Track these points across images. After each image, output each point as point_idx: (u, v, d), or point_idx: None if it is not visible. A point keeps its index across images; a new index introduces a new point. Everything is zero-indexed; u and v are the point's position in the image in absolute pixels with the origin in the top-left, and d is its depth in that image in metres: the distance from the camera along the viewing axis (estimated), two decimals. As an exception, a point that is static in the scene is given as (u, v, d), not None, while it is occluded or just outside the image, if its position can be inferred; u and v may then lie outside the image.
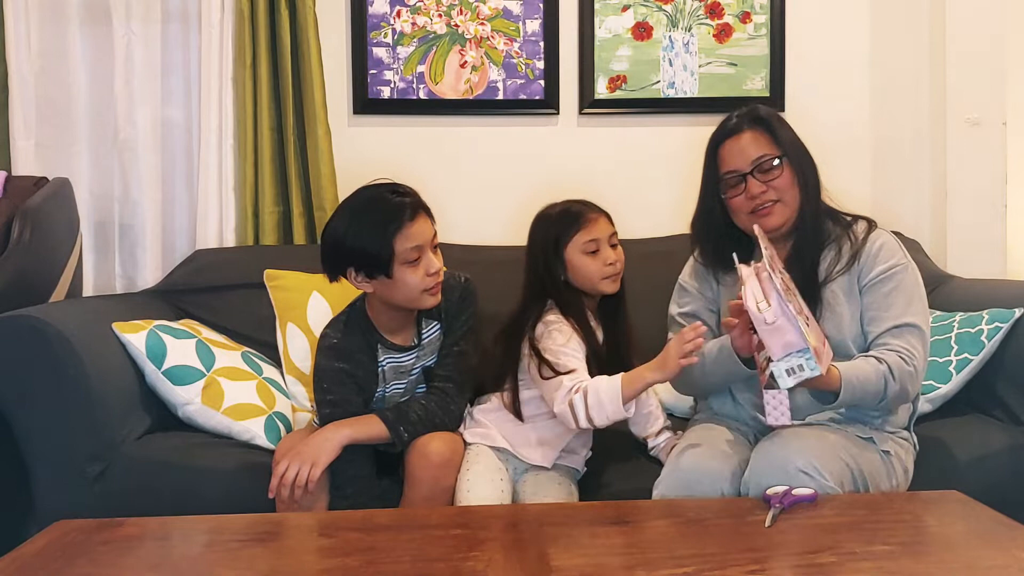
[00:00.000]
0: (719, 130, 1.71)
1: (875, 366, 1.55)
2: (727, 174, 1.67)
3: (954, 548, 1.25)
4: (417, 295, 1.70)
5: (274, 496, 1.63)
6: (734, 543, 1.23)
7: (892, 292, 1.62)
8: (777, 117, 1.70)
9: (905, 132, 2.72)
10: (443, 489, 1.66)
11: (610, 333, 1.81)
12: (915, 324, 1.60)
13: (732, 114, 1.71)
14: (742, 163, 1.65)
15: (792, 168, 1.65)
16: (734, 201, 1.67)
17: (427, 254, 1.69)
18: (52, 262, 2.20)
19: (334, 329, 1.79)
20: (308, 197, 2.56)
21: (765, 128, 1.66)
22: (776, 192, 1.64)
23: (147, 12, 2.58)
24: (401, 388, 1.82)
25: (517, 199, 1.83)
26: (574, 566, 1.15)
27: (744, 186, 1.64)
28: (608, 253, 1.77)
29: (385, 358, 1.79)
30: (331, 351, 1.75)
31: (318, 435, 1.67)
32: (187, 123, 2.64)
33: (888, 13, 2.73)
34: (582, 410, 1.62)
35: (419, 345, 1.81)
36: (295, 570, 1.21)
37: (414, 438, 1.69)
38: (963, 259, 2.54)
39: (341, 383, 1.73)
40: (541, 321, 1.76)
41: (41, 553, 1.24)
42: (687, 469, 1.55)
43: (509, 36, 2.68)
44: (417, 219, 1.68)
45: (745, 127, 1.67)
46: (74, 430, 1.79)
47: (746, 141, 1.66)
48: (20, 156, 2.52)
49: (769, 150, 1.65)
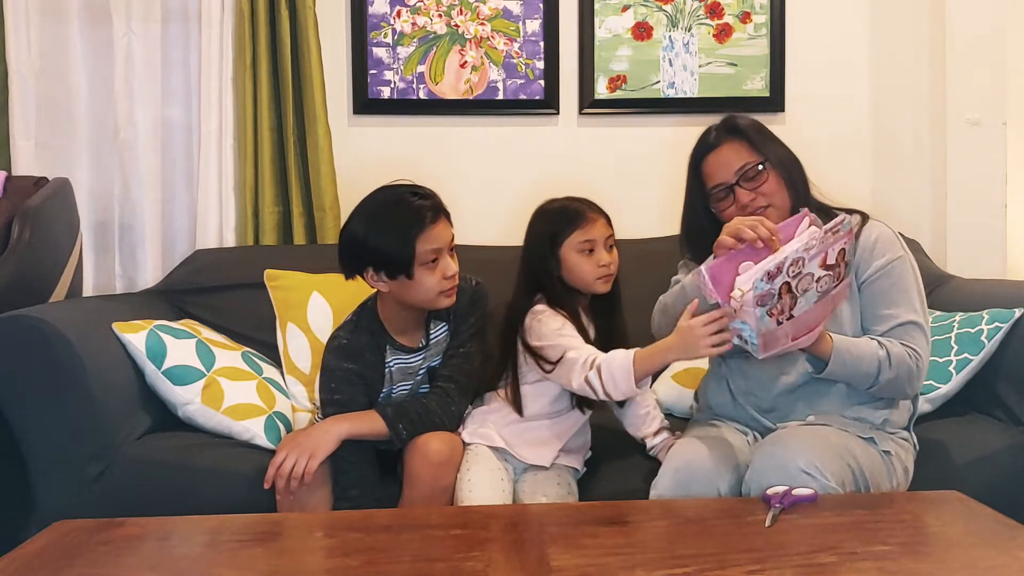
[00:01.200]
0: (699, 147, 1.71)
1: (874, 349, 1.56)
2: (714, 188, 1.67)
3: (954, 548, 1.25)
4: (433, 296, 1.72)
5: (270, 486, 1.63)
6: (734, 543, 1.23)
7: (891, 289, 1.62)
8: (754, 124, 1.70)
9: (905, 132, 2.72)
10: (442, 488, 1.66)
11: (604, 331, 1.81)
12: (917, 322, 1.61)
13: (710, 128, 1.72)
14: (726, 175, 1.65)
15: (777, 171, 1.65)
16: (726, 214, 1.66)
17: (445, 257, 1.71)
18: (52, 262, 2.20)
19: (344, 330, 1.80)
20: (308, 197, 2.56)
21: (742, 137, 1.66)
22: (765, 198, 1.63)
23: (147, 12, 2.58)
24: (407, 389, 1.83)
25: (517, 199, 1.83)
26: (574, 566, 1.15)
27: (733, 197, 1.65)
28: (603, 255, 1.76)
29: (393, 359, 1.80)
30: (340, 351, 1.76)
31: (317, 428, 1.68)
32: (187, 123, 2.64)
33: (888, 13, 2.73)
34: (599, 385, 1.61)
35: (427, 346, 1.82)
36: (295, 570, 1.21)
37: (412, 436, 1.69)
38: (963, 259, 2.54)
39: (350, 383, 1.74)
40: (529, 313, 1.76)
41: (41, 553, 1.24)
42: (684, 469, 1.55)
43: (509, 36, 2.68)
44: (438, 222, 1.70)
45: (723, 140, 1.67)
46: (74, 430, 1.79)
47: (726, 153, 1.66)
48: (20, 156, 2.52)
49: (750, 158, 1.65)
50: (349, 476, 1.69)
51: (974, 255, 2.55)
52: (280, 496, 1.64)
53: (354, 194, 1.79)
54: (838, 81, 2.74)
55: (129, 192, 2.59)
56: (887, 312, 1.61)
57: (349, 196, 1.83)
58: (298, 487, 1.62)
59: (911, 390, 1.62)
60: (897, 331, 1.59)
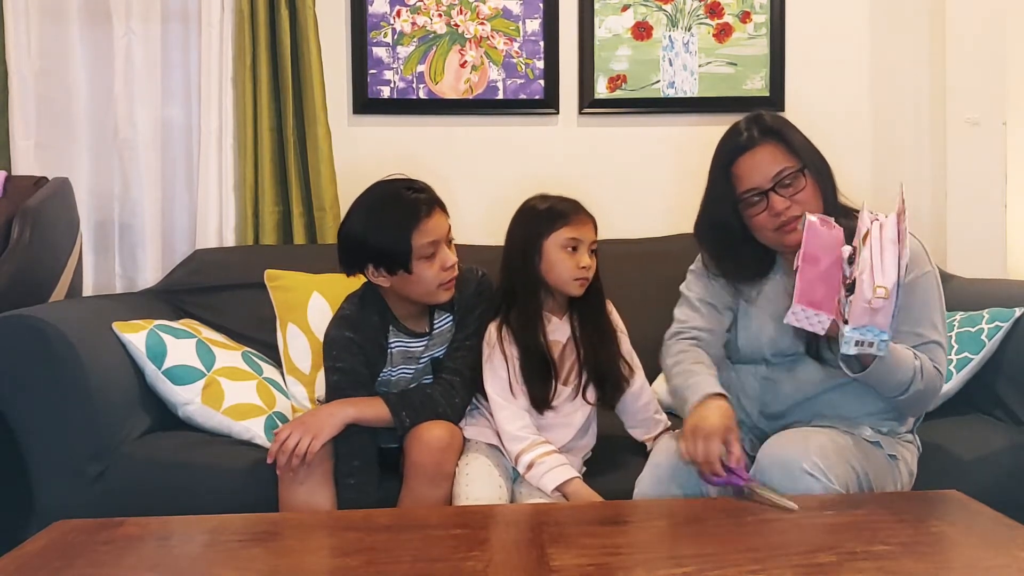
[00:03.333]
0: (730, 146, 1.60)
1: (911, 359, 1.49)
2: (746, 193, 1.57)
3: (954, 548, 1.25)
4: (433, 289, 1.73)
5: (272, 462, 1.64)
6: (734, 543, 1.23)
7: (917, 305, 1.55)
8: (786, 123, 1.61)
9: (905, 132, 2.72)
10: (444, 475, 1.67)
11: (588, 330, 1.81)
12: (941, 343, 1.55)
13: (739, 126, 1.61)
14: (761, 180, 1.55)
15: (813, 178, 1.56)
16: (757, 219, 1.57)
17: (442, 248, 1.72)
18: (52, 262, 2.20)
19: (349, 302, 1.82)
20: (308, 197, 2.56)
21: (779, 139, 1.56)
22: (800, 206, 1.54)
23: (147, 12, 2.58)
24: (409, 374, 1.84)
25: (517, 199, 1.83)
26: (574, 566, 1.15)
27: (766, 203, 1.55)
28: (584, 257, 1.74)
29: (395, 340, 1.80)
30: (343, 321, 1.78)
31: (322, 410, 1.70)
32: (187, 123, 2.64)
33: (888, 13, 2.73)
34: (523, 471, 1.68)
35: (430, 334, 1.82)
36: (295, 570, 1.21)
37: (415, 424, 1.70)
38: (963, 259, 2.54)
39: (350, 352, 1.75)
40: (487, 342, 1.77)
41: (41, 553, 1.24)
42: (664, 465, 1.54)
43: (509, 36, 2.68)
44: (433, 214, 1.71)
45: (759, 141, 1.56)
46: (74, 430, 1.79)
47: (762, 156, 1.55)
48: (20, 156, 2.52)
49: (788, 163, 1.55)
50: (350, 462, 1.69)
51: (974, 255, 2.55)
52: (280, 472, 1.65)
53: (354, 194, 1.79)
54: (838, 81, 2.74)
55: (129, 192, 2.60)
56: (913, 330, 1.54)
57: (349, 196, 1.82)
58: (299, 465, 1.63)
59: (928, 407, 1.59)
60: (921, 349, 1.54)
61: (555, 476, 1.65)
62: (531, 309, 1.77)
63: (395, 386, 1.82)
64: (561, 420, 1.79)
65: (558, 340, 1.80)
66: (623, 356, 1.83)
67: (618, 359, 1.82)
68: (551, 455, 1.68)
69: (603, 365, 1.79)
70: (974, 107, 2.57)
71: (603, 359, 1.80)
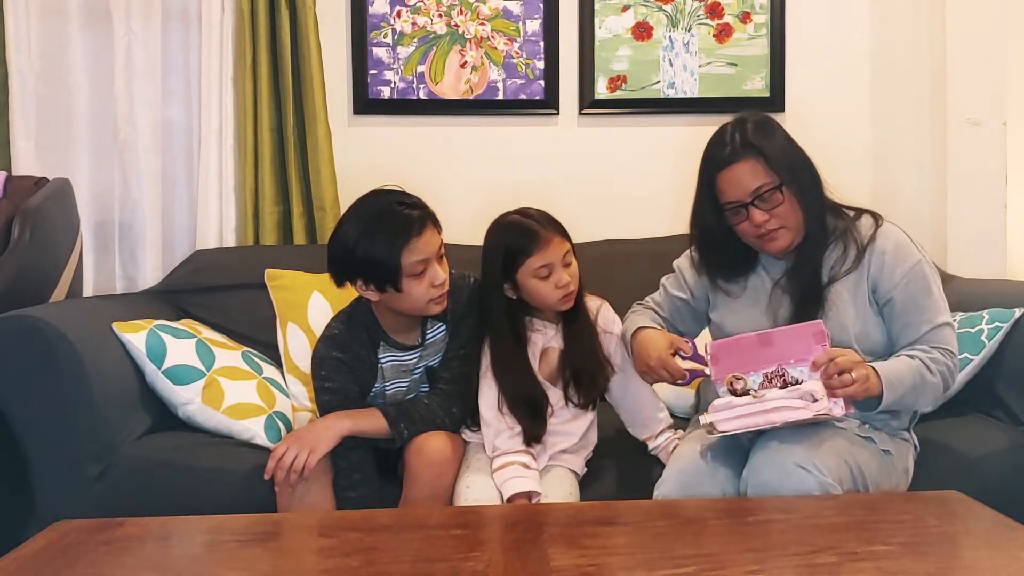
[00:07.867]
0: (714, 159, 1.64)
1: (905, 362, 1.56)
2: (728, 205, 1.63)
3: (954, 548, 1.25)
4: (423, 305, 1.71)
5: (270, 478, 1.64)
6: (734, 543, 1.23)
7: (919, 294, 1.63)
8: (768, 133, 1.63)
9: (905, 132, 2.72)
10: (443, 487, 1.66)
11: (568, 329, 1.79)
12: (948, 322, 1.63)
13: (724, 136, 1.64)
14: (741, 194, 1.60)
15: (792, 192, 1.60)
16: (740, 228, 1.64)
17: (432, 266, 1.69)
18: (52, 262, 2.20)
19: (338, 320, 1.81)
20: (308, 197, 2.56)
21: (757, 154, 1.60)
22: (779, 220, 1.60)
23: (147, 12, 2.58)
24: (404, 387, 1.83)
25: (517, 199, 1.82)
26: (574, 566, 1.15)
27: (747, 214, 1.61)
28: (561, 275, 1.71)
29: (386, 355, 1.79)
30: (330, 340, 1.77)
31: (319, 423, 1.69)
32: (187, 123, 2.64)
33: (888, 13, 2.73)
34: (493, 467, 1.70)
35: (422, 345, 1.81)
36: (295, 570, 1.21)
37: (414, 436, 1.69)
38: (963, 259, 2.54)
39: (339, 371, 1.74)
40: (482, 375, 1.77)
41: (41, 553, 1.24)
42: (689, 471, 1.55)
43: (509, 36, 2.68)
44: (424, 232, 1.67)
45: (739, 156, 1.60)
46: (74, 430, 1.79)
47: (742, 172, 1.60)
48: (20, 156, 2.52)
49: (766, 179, 1.59)
50: (350, 476, 1.69)
51: (974, 255, 2.55)
52: (279, 488, 1.64)
53: (354, 194, 1.78)
54: (838, 81, 2.73)
55: (129, 192, 2.59)
56: (920, 319, 1.62)
57: (349, 196, 1.82)
58: (297, 481, 1.62)
59: (946, 387, 1.62)
60: (931, 335, 1.61)
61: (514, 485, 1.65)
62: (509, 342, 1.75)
63: (389, 400, 1.81)
64: (560, 427, 1.78)
65: (554, 347, 1.79)
66: (602, 354, 1.80)
67: (596, 357, 1.78)
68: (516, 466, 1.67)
69: (577, 362, 1.77)
70: (974, 107, 2.57)
71: (577, 356, 1.77)
